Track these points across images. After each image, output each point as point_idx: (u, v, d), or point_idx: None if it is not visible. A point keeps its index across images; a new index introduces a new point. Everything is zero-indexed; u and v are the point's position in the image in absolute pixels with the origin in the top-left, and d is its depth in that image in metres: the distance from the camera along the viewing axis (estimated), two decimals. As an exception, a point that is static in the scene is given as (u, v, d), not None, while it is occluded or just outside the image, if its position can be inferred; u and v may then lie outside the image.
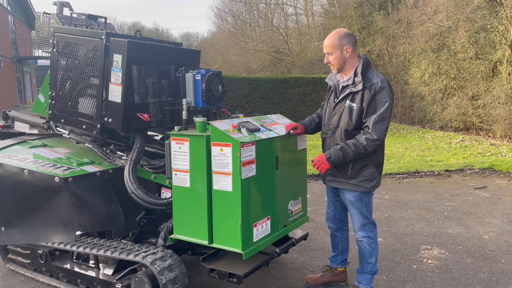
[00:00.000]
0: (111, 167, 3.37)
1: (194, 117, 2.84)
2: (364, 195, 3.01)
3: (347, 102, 2.92)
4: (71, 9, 4.11)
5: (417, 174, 7.57)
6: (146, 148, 3.45)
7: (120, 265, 3.16)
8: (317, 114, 3.31)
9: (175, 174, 2.79)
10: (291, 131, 3.03)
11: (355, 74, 2.90)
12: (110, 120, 3.25)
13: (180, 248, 3.16)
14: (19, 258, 3.77)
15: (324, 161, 2.94)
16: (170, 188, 2.97)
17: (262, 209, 2.77)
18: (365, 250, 3.09)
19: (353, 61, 2.94)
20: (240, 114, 3.14)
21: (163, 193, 3.36)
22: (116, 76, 3.15)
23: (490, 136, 11.65)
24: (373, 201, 3.13)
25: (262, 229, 2.76)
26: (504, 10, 10.83)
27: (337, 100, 3.02)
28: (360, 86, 2.86)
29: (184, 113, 2.91)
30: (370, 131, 2.81)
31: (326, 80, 3.18)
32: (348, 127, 2.92)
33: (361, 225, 3.06)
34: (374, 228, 3.10)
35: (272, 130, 2.92)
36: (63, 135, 3.95)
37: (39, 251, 3.55)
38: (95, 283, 3.22)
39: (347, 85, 2.95)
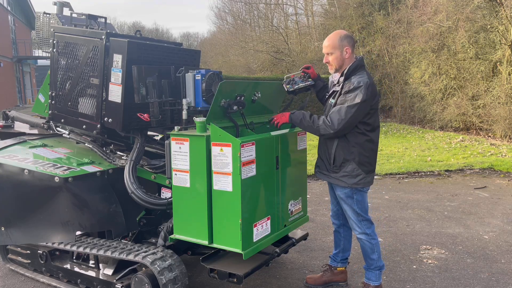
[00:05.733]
0: (111, 167, 3.37)
1: (194, 117, 2.84)
2: (355, 192, 3.04)
3: (331, 99, 3.05)
4: (71, 9, 4.10)
5: (417, 174, 7.57)
6: (146, 148, 3.45)
7: (120, 265, 3.16)
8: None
9: (175, 174, 2.79)
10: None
11: (341, 75, 3.01)
12: (110, 120, 3.25)
13: (180, 248, 3.16)
14: (19, 258, 3.77)
15: (286, 114, 3.00)
16: (170, 188, 2.97)
17: (262, 209, 2.77)
18: (366, 247, 3.13)
19: (350, 62, 3.02)
20: None
21: (163, 193, 3.36)
22: (116, 76, 3.15)
23: (490, 136, 11.65)
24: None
25: (262, 229, 2.76)
26: (504, 10, 10.82)
27: (326, 98, 3.17)
28: (341, 86, 2.97)
29: (184, 113, 2.91)
30: (327, 117, 2.91)
31: (329, 77, 3.30)
32: None
33: (356, 222, 3.10)
34: (370, 224, 3.12)
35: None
36: (63, 135, 3.96)
37: (39, 251, 3.55)
38: (95, 283, 3.22)
39: (335, 84, 3.08)
